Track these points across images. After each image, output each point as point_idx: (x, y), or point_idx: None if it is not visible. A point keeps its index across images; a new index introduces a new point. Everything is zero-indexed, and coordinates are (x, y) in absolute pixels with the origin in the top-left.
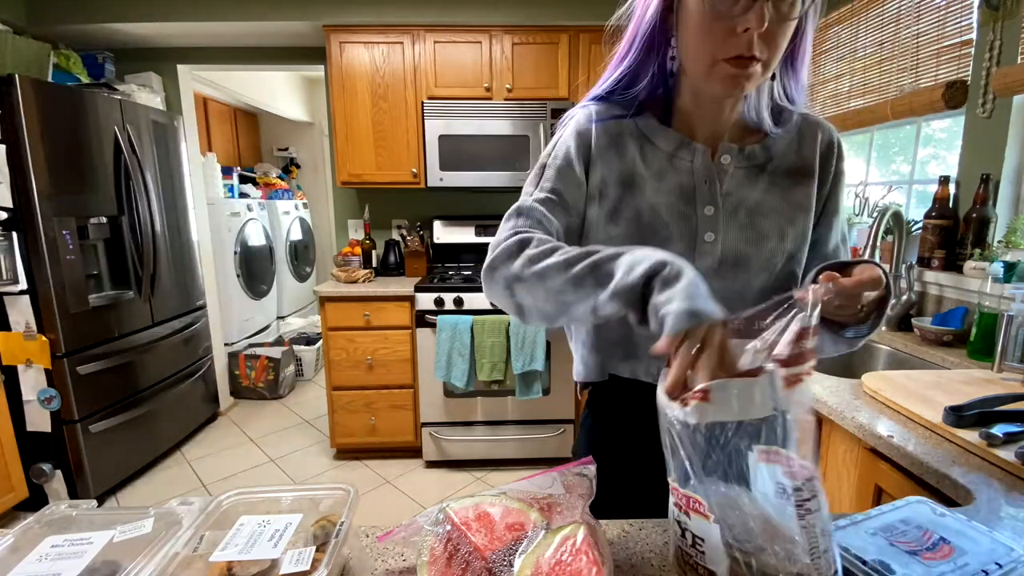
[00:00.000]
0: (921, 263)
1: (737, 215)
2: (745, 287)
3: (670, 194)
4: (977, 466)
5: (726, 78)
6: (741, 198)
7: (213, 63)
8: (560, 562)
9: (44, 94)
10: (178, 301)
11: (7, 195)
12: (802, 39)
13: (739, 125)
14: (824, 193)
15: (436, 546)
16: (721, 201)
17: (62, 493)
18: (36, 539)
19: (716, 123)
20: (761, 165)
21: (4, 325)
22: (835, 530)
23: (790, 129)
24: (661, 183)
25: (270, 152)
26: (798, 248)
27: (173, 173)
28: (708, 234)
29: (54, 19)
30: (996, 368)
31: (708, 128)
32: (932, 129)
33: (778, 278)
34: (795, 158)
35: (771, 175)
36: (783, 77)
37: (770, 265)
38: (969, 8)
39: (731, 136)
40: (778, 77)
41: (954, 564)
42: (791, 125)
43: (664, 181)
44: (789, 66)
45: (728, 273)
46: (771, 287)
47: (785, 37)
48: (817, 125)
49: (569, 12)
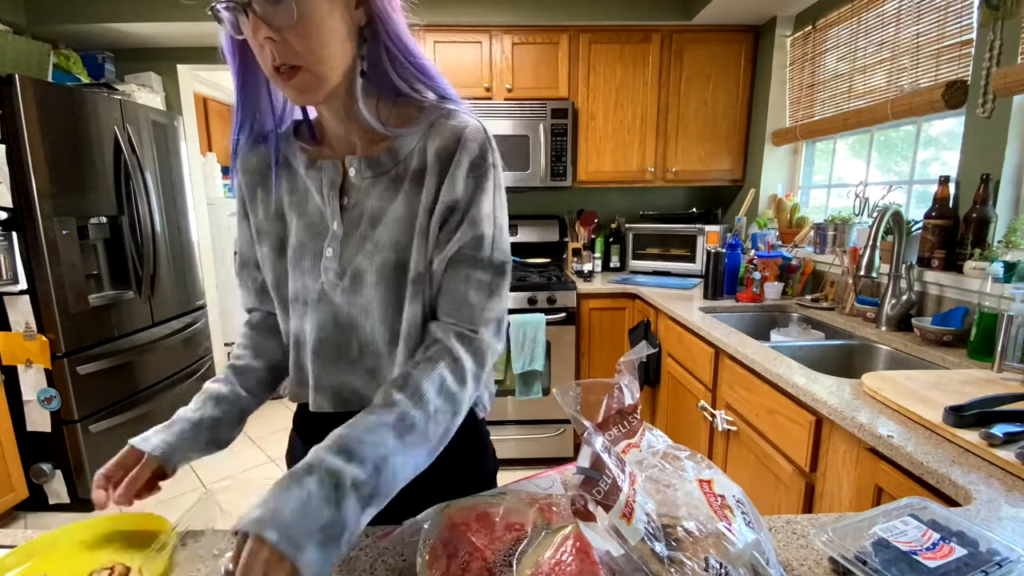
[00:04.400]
0: (921, 263)
1: (359, 227)
2: (368, 300)
3: (311, 214)
4: (977, 466)
5: (287, 90)
6: (364, 209)
7: (213, 63)
8: (560, 562)
9: (44, 94)
10: (178, 301)
11: (7, 195)
12: (383, 27)
13: (367, 133)
14: (451, 196)
15: (436, 546)
16: (345, 215)
17: (62, 493)
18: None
19: (340, 134)
20: (387, 171)
21: (4, 325)
22: (835, 530)
23: (419, 128)
24: (302, 206)
25: None
26: (417, 255)
27: (173, 173)
28: (328, 249)
29: (54, 19)
30: (996, 368)
31: (341, 141)
32: (935, 132)
33: (398, 288)
34: (419, 160)
35: (396, 181)
36: (386, 75)
37: (386, 276)
38: (969, 8)
39: (363, 145)
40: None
41: (954, 564)
42: (422, 123)
43: (305, 203)
44: (384, 62)
45: (350, 286)
46: (392, 297)
47: (310, 38)
48: (445, 120)
49: (569, 12)
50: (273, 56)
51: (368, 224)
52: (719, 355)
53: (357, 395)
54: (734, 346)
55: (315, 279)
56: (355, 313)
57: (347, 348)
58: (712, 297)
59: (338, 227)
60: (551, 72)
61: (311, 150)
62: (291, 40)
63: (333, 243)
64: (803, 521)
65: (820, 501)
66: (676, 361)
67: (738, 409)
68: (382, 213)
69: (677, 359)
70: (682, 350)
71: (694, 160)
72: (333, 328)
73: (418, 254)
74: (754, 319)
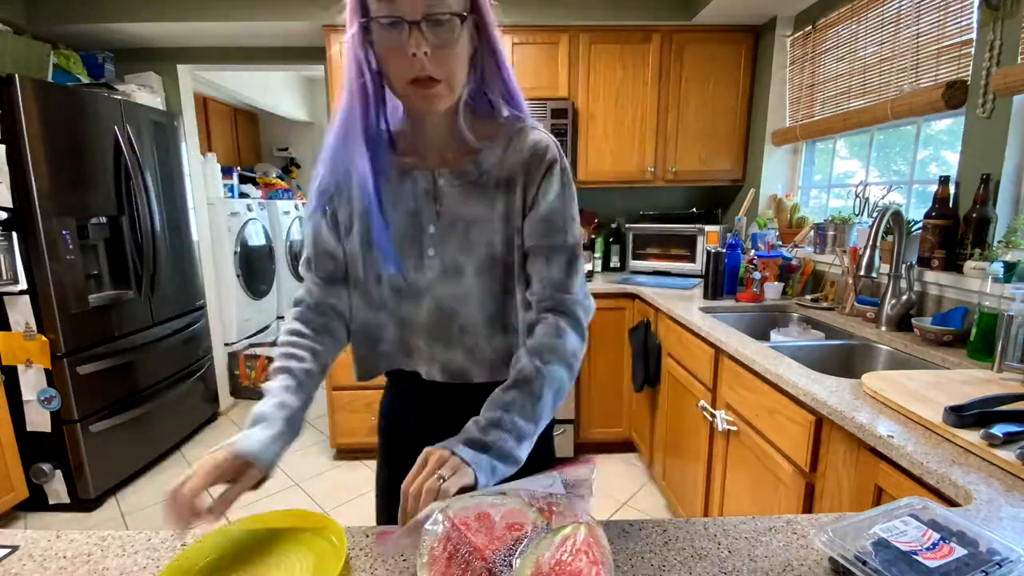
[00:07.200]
0: (921, 263)
1: (455, 229)
2: (469, 290)
3: (406, 217)
4: (977, 466)
5: (416, 97)
6: (457, 213)
7: (213, 63)
8: (560, 562)
9: (44, 94)
10: (178, 301)
11: (7, 195)
12: (491, 56)
13: (458, 145)
14: (529, 198)
15: (436, 546)
16: (440, 219)
17: (62, 493)
18: None
19: (437, 145)
20: (474, 180)
21: (4, 325)
22: (835, 530)
23: (500, 142)
24: (398, 209)
25: (270, 152)
26: (508, 252)
27: (173, 173)
28: (430, 250)
29: (54, 19)
30: (996, 368)
31: (433, 151)
32: (935, 131)
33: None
34: (500, 169)
35: (482, 188)
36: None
37: (483, 269)
38: (969, 8)
39: (453, 156)
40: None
41: (954, 564)
42: (501, 138)
43: (400, 207)
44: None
45: (451, 280)
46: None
47: (455, 58)
48: (525, 134)
49: (569, 12)
50: (421, 67)
51: (462, 226)
52: (719, 355)
53: (461, 369)
54: (734, 346)
55: (420, 274)
56: (456, 302)
57: (451, 330)
58: (712, 297)
59: (434, 230)
60: (551, 72)
61: (404, 159)
62: (441, 57)
63: (432, 244)
64: (803, 521)
65: (820, 501)
66: (676, 361)
67: (738, 409)
68: (474, 217)
69: (677, 359)
70: (682, 350)
71: (694, 160)
72: (438, 315)
73: (508, 248)
74: (754, 319)
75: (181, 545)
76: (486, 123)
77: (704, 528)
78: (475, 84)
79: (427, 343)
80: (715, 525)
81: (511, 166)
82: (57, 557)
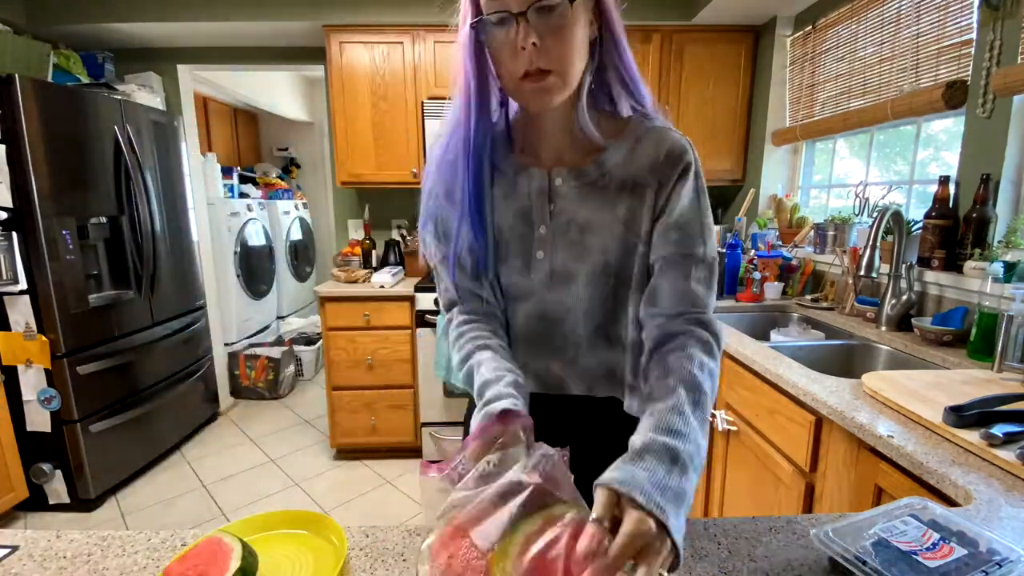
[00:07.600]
0: (921, 263)
1: (568, 232)
2: (577, 299)
3: (514, 216)
4: (977, 466)
5: (528, 93)
6: (572, 216)
7: (213, 63)
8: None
9: (44, 94)
10: (178, 301)
11: (7, 195)
12: (611, 42)
13: (578, 143)
14: (660, 204)
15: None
16: (552, 220)
17: (62, 493)
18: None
19: (553, 143)
20: (593, 182)
21: (4, 325)
22: (835, 530)
23: (625, 141)
24: (506, 206)
25: (270, 152)
26: (626, 261)
27: (173, 173)
28: (539, 252)
29: (54, 19)
30: (996, 368)
31: (549, 149)
32: (935, 130)
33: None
34: (625, 171)
35: (602, 190)
36: (607, 88)
37: (596, 277)
38: (969, 8)
39: (571, 155)
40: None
41: (954, 564)
42: (627, 137)
43: (508, 203)
44: (610, 76)
45: (559, 286)
46: (600, 297)
47: (567, 46)
48: (657, 135)
49: None
50: (530, 60)
51: (577, 230)
52: None
53: (558, 379)
54: (734, 346)
55: (525, 277)
56: (562, 310)
57: (551, 339)
58: None
59: (546, 231)
60: None
61: (519, 157)
62: (551, 46)
63: (543, 246)
64: (803, 521)
65: (820, 501)
66: None
67: (738, 409)
68: (590, 220)
69: None
70: None
71: None
72: (539, 321)
73: (626, 257)
74: (754, 319)
75: (181, 545)
76: (609, 119)
77: (704, 528)
78: (595, 75)
79: (522, 349)
80: (715, 525)
81: (639, 168)
82: (57, 557)
